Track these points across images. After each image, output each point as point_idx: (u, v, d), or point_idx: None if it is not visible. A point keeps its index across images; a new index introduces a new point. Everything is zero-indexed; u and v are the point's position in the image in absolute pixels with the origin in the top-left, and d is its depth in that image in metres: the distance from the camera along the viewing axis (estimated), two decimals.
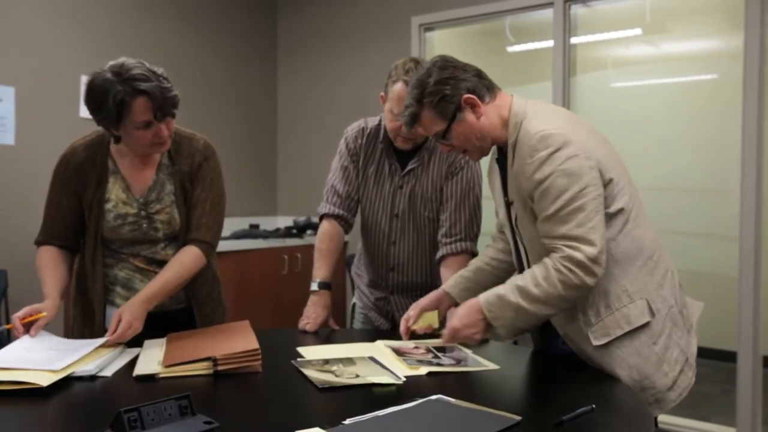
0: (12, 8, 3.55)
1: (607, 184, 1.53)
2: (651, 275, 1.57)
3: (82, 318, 1.95)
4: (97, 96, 1.71)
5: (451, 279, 1.93)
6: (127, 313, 1.72)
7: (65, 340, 1.74)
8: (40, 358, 1.54)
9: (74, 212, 1.92)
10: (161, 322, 1.87)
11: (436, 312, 1.88)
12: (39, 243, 1.95)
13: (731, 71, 3.49)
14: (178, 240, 1.94)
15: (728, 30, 3.64)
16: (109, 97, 1.68)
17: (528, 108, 1.62)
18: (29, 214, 3.62)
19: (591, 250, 1.48)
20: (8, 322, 2.98)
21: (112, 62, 1.75)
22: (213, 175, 1.97)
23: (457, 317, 1.67)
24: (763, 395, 3.26)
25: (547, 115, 1.59)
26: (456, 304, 1.83)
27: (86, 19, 3.88)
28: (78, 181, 1.90)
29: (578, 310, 1.59)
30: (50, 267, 1.88)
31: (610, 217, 1.54)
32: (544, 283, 1.52)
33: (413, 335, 1.86)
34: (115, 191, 1.89)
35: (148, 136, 1.77)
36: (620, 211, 1.55)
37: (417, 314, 1.87)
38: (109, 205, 1.88)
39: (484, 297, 1.62)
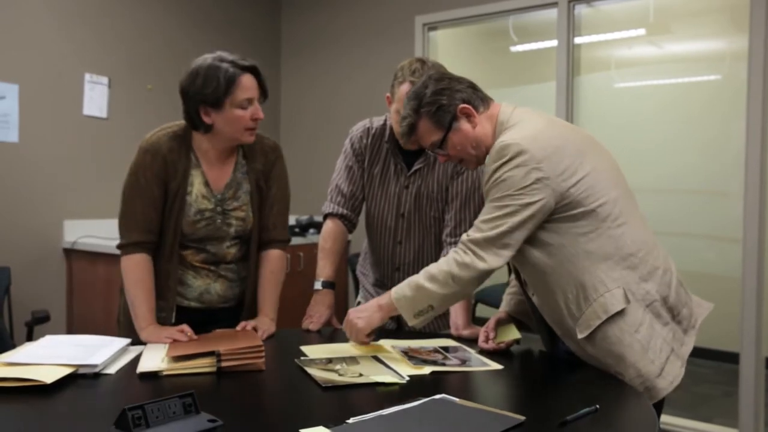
0: (16, 5, 3.56)
1: (567, 190, 1.55)
2: (632, 270, 1.58)
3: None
4: (205, 75, 1.79)
5: (503, 302, 1.93)
6: (264, 325, 1.91)
7: (86, 337, 1.75)
8: (71, 353, 1.55)
9: (162, 204, 1.88)
10: (206, 319, 1.91)
11: (512, 324, 1.83)
12: (131, 245, 1.87)
13: (734, 72, 3.49)
14: (244, 237, 1.98)
15: (732, 31, 3.64)
16: (220, 74, 1.77)
17: (511, 118, 1.68)
18: (32, 212, 3.64)
19: (475, 235, 1.59)
20: (11, 319, 2.98)
21: (208, 54, 1.83)
22: (285, 175, 2.08)
23: (357, 307, 1.78)
24: (765, 397, 3.25)
25: (521, 125, 1.64)
26: (516, 321, 1.85)
27: (91, 18, 3.89)
28: (167, 170, 1.87)
29: (562, 306, 1.61)
30: (145, 289, 1.85)
31: (575, 218, 1.57)
32: (442, 261, 1.65)
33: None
34: (196, 185, 1.90)
35: (246, 116, 1.82)
36: (589, 212, 1.57)
37: (494, 326, 1.84)
38: (190, 199, 1.89)
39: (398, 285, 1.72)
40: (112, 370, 1.54)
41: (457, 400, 1.33)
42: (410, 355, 1.68)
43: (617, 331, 1.56)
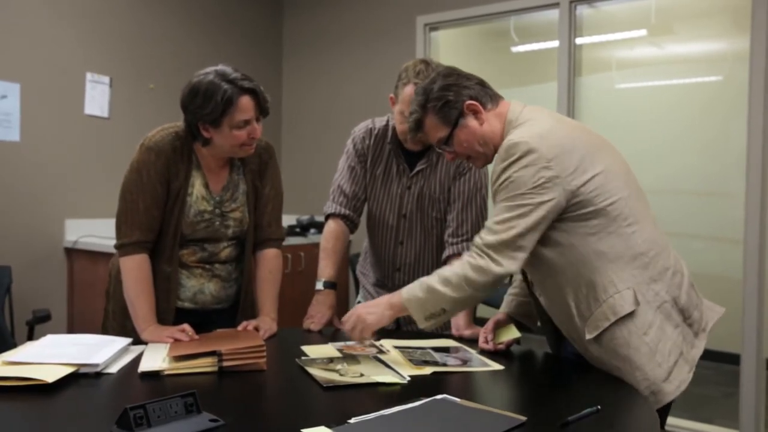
0: (18, 4, 3.56)
1: (578, 188, 1.54)
2: (643, 270, 1.57)
3: (123, 312, 1.91)
4: (204, 94, 1.77)
5: (504, 303, 1.92)
6: (266, 325, 1.92)
7: (86, 336, 1.75)
8: (73, 352, 1.55)
9: (164, 203, 1.88)
10: (200, 321, 1.90)
11: (511, 324, 1.83)
12: (132, 245, 1.85)
13: (736, 73, 3.48)
14: (240, 238, 1.99)
15: (733, 32, 3.63)
16: (218, 95, 1.75)
17: (520, 116, 1.66)
18: (34, 211, 3.64)
19: (489, 238, 1.56)
20: (12, 318, 2.99)
21: (210, 68, 1.82)
22: (278, 174, 2.08)
23: (366, 303, 1.75)
24: (766, 398, 3.25)
25: (529, 124, 1.62)
26: (516, 321, 1.84)
27: (92, 17, 3.89)
28: (170, 169, 1.87)
29: (572, 306, 1.60)
30: (146, 288, 1.85)
31: (585, 217, 1.56)
32: (456, 264, 1.62)
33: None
34: (197, 186, 1.91)
35: (243, 135, 1.82)
36: (600, 211, 1.55)
37: (493, 328, 1.84)
38: (190, 200, 1.90)
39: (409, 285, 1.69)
40: (113, 369, 1.54)
41: (458, 400, 1.33)
42: (411, 354, 1.68)
43: (625, 332, 1.55)
